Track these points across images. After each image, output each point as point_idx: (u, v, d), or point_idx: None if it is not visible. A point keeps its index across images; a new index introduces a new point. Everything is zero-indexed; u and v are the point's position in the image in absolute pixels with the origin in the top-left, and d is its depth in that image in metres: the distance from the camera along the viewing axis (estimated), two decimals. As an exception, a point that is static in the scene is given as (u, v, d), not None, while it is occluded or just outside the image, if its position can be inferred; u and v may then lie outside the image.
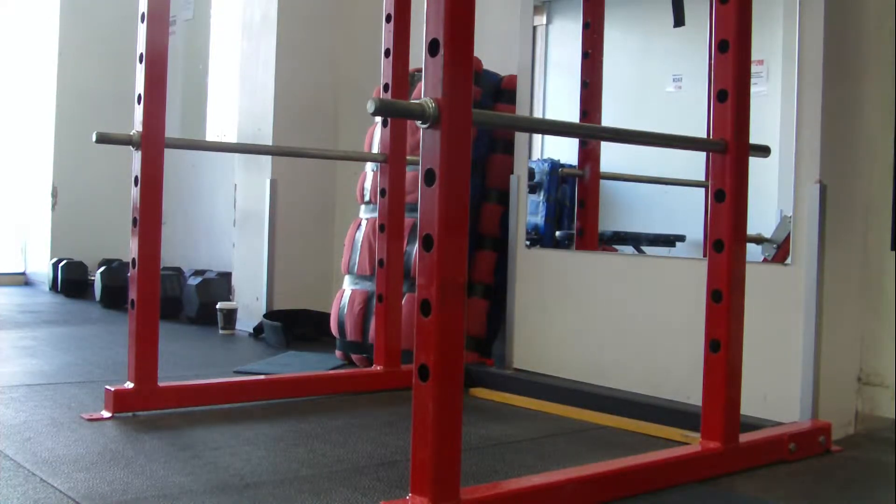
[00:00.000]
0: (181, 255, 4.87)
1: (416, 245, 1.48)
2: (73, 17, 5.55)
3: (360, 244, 2.98)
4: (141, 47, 2.19)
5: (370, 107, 1.28)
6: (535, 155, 3.18)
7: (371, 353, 2.73)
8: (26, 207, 5.90)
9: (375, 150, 2.83)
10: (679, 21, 2.75)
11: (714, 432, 1.81)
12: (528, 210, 2.83)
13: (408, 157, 2.64)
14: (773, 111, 2.57)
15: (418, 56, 1.42)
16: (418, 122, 1.33)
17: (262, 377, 2.63)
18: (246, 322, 3.84)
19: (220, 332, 3.79)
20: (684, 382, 2.28)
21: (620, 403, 2.34)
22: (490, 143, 3.04)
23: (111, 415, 2.14)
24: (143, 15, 2.19)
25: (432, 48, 1.32)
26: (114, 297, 4.58)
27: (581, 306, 2.60)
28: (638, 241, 3.14)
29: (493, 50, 3.04)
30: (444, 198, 1.31)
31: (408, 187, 2.67)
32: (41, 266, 5.62)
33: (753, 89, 2.22)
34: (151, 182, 2.20)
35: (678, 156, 2.29)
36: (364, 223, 3.01)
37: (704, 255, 1.91)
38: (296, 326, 3.58)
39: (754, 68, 2.40)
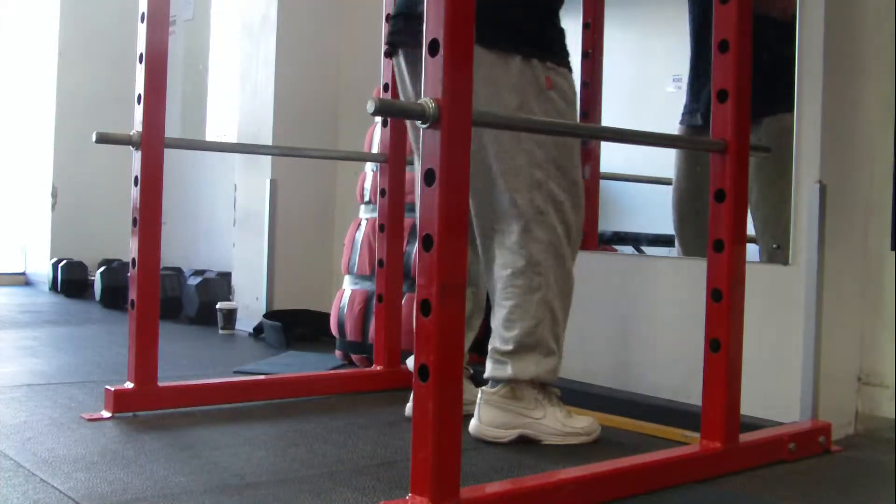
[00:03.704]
0: (181, 255, 4.87)
1: (416, 245, 1.48)
2: (73, 17, 5.54)
3: (359, 244, 2.98)
4: (141, 47, 2.19)
5: (370, 107, 1.28)
6: (535, 155, 3.17)
7: (371, 353, 2.73)
8: (26, 207, 5.90)
9: (375, 150, 2.83)
10: None
11: (714, 432, 1.81)
12: (528, 210, 2.83)
13: (407, 157, 2.64)
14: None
15: (418, 56, 1.42)
16: (418, 122, 1.33)
17: (262, 377, 2.63)
18: (246, 322, 3.84)
19: (220, 332, 3.79)
20: (684, 382, 2.28)
21: (620, 403, 2.34)
22: (490, 143, 3.04)
23: (111, 415, 2.14)
24: (143, 15, 2.19)
25: (432, 48, 1.32)
26: (114, 297, 4.58)
27: (581, 306, 2.60)
28: (638, 241, 3.14)
29: (493, 50, 3.03)
30: (444, 198, 1.31)
31: (408, 187, 2.67)
32: (41, 266, 5.62)
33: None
34: (151, 182, 2.20)
35: (678, 156, 2.29)
36: (364, 223, 3.01)
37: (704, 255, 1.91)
38: (296, 326, 3.58)
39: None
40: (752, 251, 2.38)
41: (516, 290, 1.97)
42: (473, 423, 1.99)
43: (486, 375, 2.02)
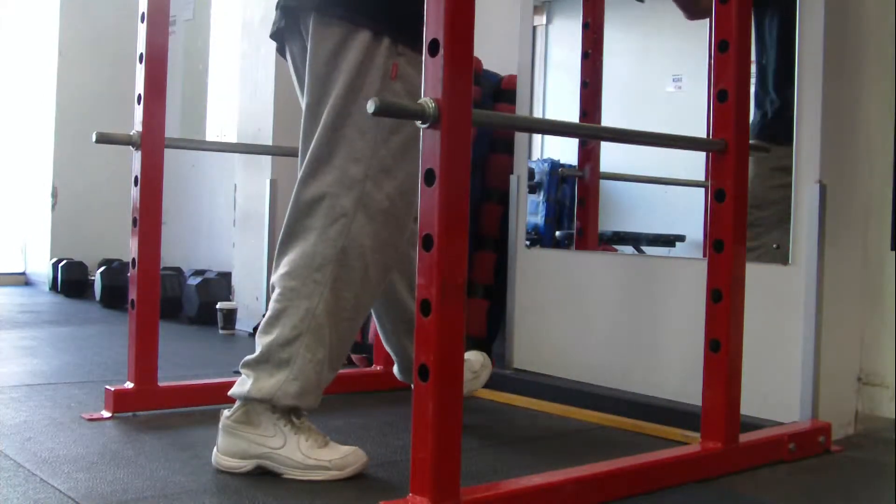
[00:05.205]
0: (181, 255, 4.87)
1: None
2: (73, 17, 5.54)
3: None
4: (141, 47, 2.19)
5: (370, 107, 1.28)
6: (535, 155, 3.18)
7: (371, 353, 2.73)
8: (26, 207, 5.89)
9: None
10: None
11: (714, 432, 1.81)
12: (528, 210, 2.83)
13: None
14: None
15: (418, 56, 1.42)
16: (418, 123, 1.33)
17: (262, 377, 2.62)
18: (246, 322, 3.84)
19: (220, 332, 3.79)
20: (684, 382, 2.27)
21: (620, 403, 2.34)
22: (490, 143, 3.04)
23: (111, 415, 2.14)
24: (143, 15, 2.19)
25: (432, 48, 1.32)
26: (114, 297, 4.58)
27: (581, 306, 2.60)
28: (638, 241, 3.14)
29: (493, 50, 3.04)
30: (444, 198, 1.31)
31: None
32: (41, 266, 5.62)
33: (753, 89, 2.22)
34: (151, 182, 2.20)
35: (678, 156, 2.29)
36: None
37: (704, 255, 1.91)
38: (296, 326, 3.57)
39: (753, 68, 2.40)
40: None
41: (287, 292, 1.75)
42: (214, 451, 1.74)
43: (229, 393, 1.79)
